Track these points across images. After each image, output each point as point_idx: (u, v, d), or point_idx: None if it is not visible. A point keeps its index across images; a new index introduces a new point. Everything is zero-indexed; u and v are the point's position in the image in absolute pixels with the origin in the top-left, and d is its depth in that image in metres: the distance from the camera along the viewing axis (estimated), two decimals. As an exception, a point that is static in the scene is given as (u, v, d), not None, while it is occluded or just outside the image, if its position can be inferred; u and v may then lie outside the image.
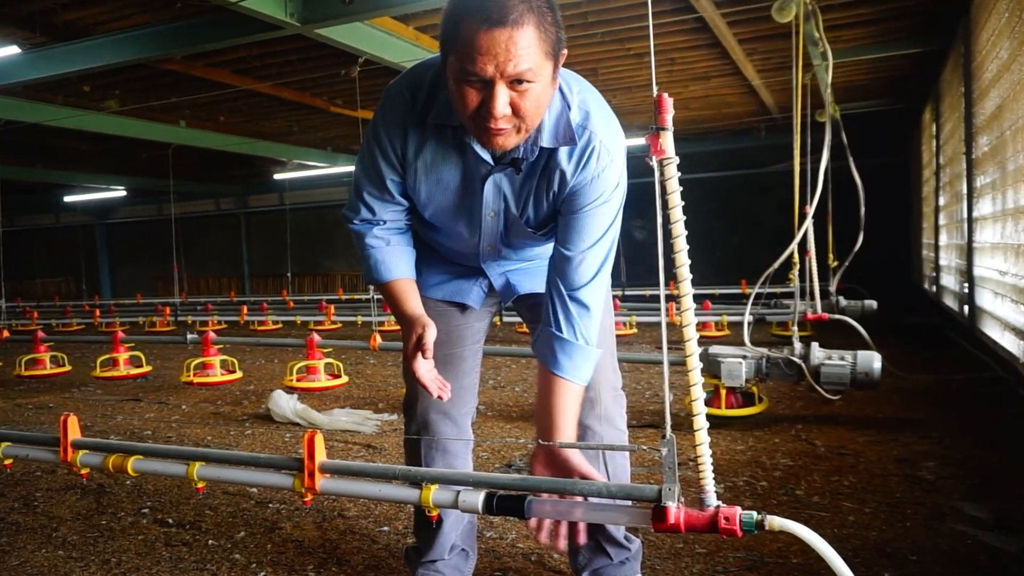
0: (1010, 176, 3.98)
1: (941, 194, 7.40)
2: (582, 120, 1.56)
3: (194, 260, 17.52)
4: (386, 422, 4.38)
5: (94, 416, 4.96)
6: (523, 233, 1.73)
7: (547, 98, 1.46)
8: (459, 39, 1.36)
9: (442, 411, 1.89)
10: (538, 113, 1.45)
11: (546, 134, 1.54)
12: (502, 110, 1.39)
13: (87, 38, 5.55)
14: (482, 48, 1.34)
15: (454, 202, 1.68)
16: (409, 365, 1.61)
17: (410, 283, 1.74)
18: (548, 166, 1.59)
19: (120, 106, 7.94)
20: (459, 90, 1.41)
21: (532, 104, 1.41)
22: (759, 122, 10.49)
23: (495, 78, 1.36)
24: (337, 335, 8.55)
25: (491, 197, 1.65)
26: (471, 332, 1.96)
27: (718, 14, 5.56)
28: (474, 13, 1.34)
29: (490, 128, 1.43)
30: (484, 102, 1.39)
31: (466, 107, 1.42)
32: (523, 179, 1.62)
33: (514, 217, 1.69)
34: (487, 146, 1.51)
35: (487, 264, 1.86)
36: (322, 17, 4.72)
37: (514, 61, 1.34)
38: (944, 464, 3.20)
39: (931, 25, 6.17)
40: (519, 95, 1.39)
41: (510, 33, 1.33)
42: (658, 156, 1.37)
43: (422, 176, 1.64)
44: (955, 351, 6.15)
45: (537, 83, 1.39)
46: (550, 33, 1.39)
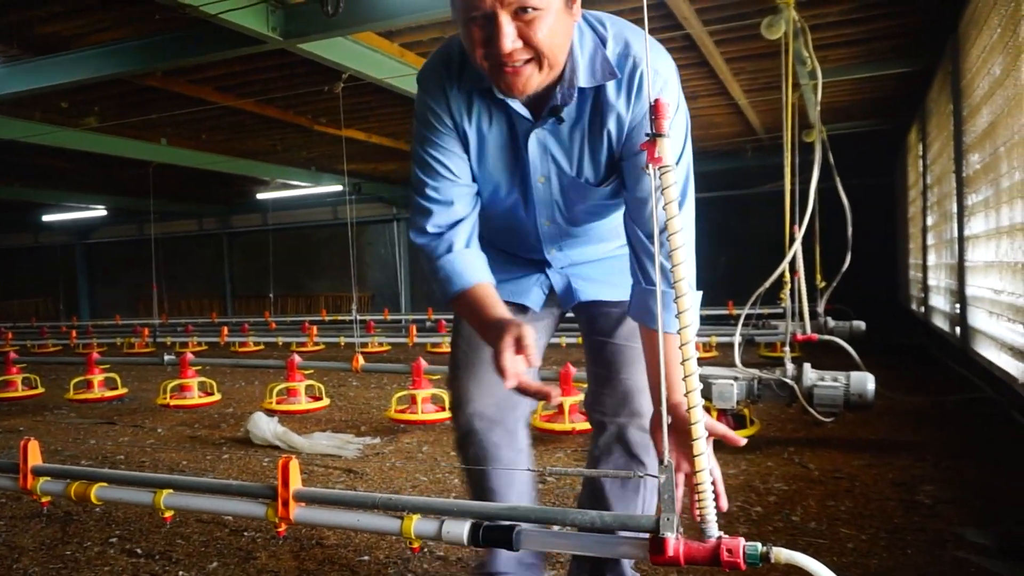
0: (1005, 193, 3.94)
1: (929, 214, 7.40)
2: (622, 50, 1.43)
3: (176, 281, 17.31)
4: (368, 446, 4.26)
5: (65, 440, 4.80)
6: (584, 195, 1.58)
7: (564, 29, 1.35)
8: None
9: (489, 417, 1.75)
10: (555, 44, 1.34)
11: (582, 73, 1.43)
12: (509, 44, 1.30)
13: (65, 52, 5.45)
14: None
15: (504, 173, 1.57)
16: (505, 369, 1.35)
17: (492, 288, 1.56)
18: (596, 108, 1.46)
19: (99, 123, 7.82)
20: (467, 33, 1.34)
21: (545, 34, 1.31)
22: (746, 143, 10.50)
23: (495, 8, 1.28)
24: (320, 357, 8.41)
25: (537, 160, 1.53)
26: None
27: (706, 32, 5.54)
28: None
29: (504, 68, 1.33)
30: (491, 39, 1.31)
31: (475, 48, 1.34)
32: (570, 130, 1.49)
33: (570, 179, 1.55)
34: (510, 91, 1.39)
35: (549, 251, 1.72)
36: (305, 31, 4.65)
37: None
38: (942, 487, 3.12)
39: (918, 45, 6.18)
40: (526, 24, 1.30)
41: None
42: (655, 164, 1.29)
43: (471, 145, 1.55)
44: (946, 371, 6.11)
45: (546, 11, 1.30)
46: None
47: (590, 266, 1.77)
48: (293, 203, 14.98)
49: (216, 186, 13.15)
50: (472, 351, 1.78)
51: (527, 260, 1.78)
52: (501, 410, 1.74)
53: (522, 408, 1.80)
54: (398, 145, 9.72)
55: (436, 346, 8.05)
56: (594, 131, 1.48)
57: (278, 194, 13.74)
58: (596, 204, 1.60)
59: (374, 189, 13.50)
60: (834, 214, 6.81)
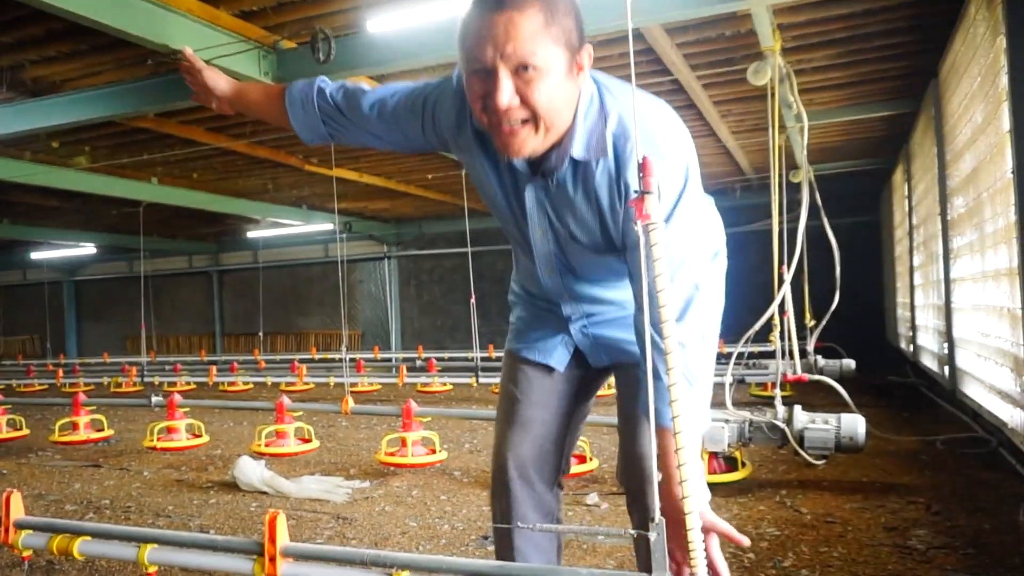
0: (989, 238, 3.98)
1: (916, 254, 7.46)
2: (621, 130, 1.41)
3: (165, 318, 17.21)
4: (357, 490, 4.21)
5: (50, 483, 4.73)
6: (579, 254, 1.58)
7: (566, 94, 1.35)
8: (465, 31, 1.34)
9: (522, 473, 1.75)
10: (554, 108, 1.34)
11: (578, 143, 1.42)
12: (506, 100, 1.30)
13: (56, 94, 5.47)
14: (482, 32, 1.30)
15: (508, 214, 1.60)
16: None
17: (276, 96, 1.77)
18: (585, 180, 1.45)
19: (90, 162, 7.83)
20: (468, 83, 1.36)
21: (544, 97, 1.31)
22: (734, 183, 10.60)
23: (496, 63, 1.29)
24: (309, 396, 8.35)
25: (534, 211, 1.54)
26: (557, 397, 1.80)
27: (693, 77, 5.62)
28: (479, 4, 1.32)
29: (500, 125, 1.34)
30: (489, 93, 1.31)
31: (475, 101, 1.36)
32: (563, 194, 1.49)
33: (564, 238, 1.56)
34: (506, 152, 1.39)
35: (562, 298, 1.71)
36: (296, 76, 4.68)
37: (514, 44, 1.27)
38: (935, 532, 3.11)
39: (902, 88, 6.29)
40: (525, 84, 1.30)
41: (510, 15, 1.27)
42: (643, 220, 1.30)
43: (477, 183, 1.63)
44: (936, 411, 6.12)
45: (546, 72, 1.30)
46: (562, 20, 1.31)
47: (611, 325, 1.74)
48: (284, 241, 14.98)
49: (207, 224, 13.14)
50: (509, 406, 1.81)
51: (554, 319, 1.77)
52: (528, 468, 1.74)
53: (549, 469, 1.78)
54: (389, 185, 9.76)
55: (426, 386, 8.01)
56: (585, 202, 1.47)
57: (269, 232, 13.74)
58: (594, 262, 1.60)
59: (365, 227, 13.53)
60: (822, 253, 6.87)
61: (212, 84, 1.84)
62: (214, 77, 1.85)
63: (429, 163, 8.39)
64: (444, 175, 8.78)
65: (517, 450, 1.76)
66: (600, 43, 5.04)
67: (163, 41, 4.00)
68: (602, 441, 5.19)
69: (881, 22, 4.87)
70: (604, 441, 5.20)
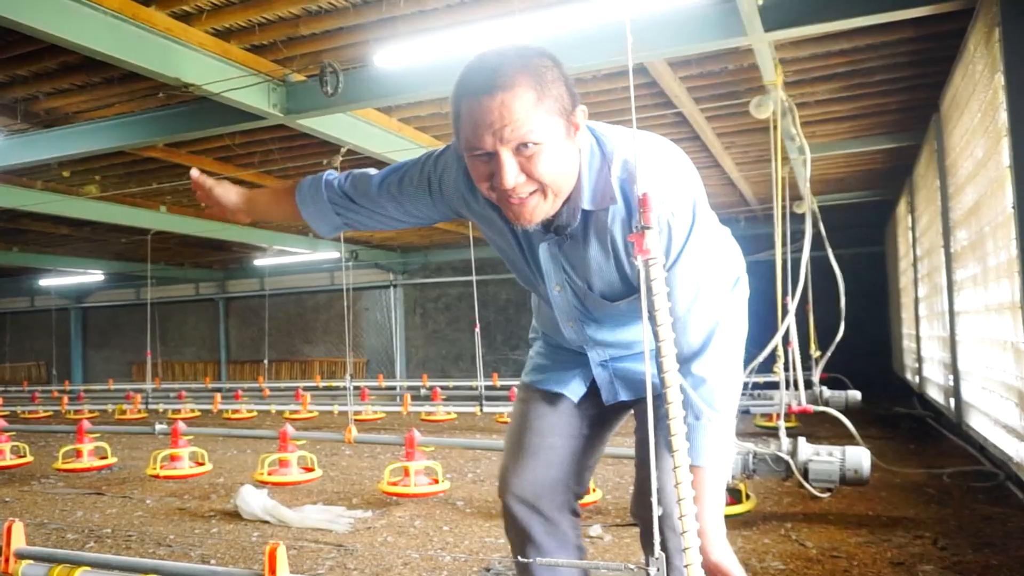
0: (992, 271, 3.99)
1: (920, 285, 7.46)
2: (626, 174, 1.43)
3: (171, 345, 17.26)
4: (359, 520, 4.19)
5: (52, 511, 4.72)
6: (599, 306, 1.60)
7: (567, 158, 1.37)
8: (459, 116, 1.35)
9: (527, 501, 1.75)
10: (559, 175, 1.36)
11: (586, 195, 1.43)
12: (511, 180, 1.32)
13: (68, 125, 5.56)
14: (477, 120, 1.30)
15: (526, 271, 1.63)
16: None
17: (289, 195, 1.79)
18: (598, 229, 1.46)
19: (100, 192, 7.92)
20: (471, 165, 1.38)
21: (547, 167, 1.33)
22: (738, 213, 10.65)
23: (497, 147, 1.31)
24: (313, 424, 8.34)
25: (551, 268, 1.56)
26: (569, 424, 1.80)
27: (697, 109, 5.68)
28: (467, 87, 1.32)
29: (510, 199, 1.36)
30: (494, 174, 1.34)
31: (480, 180, 1.38)
32: (578, 247, 1.50)
33: (582, 291, 1.57)
34: (517, 221, 1.41)
35: (584, 345, 1.72)
36: (305, 108, 4.76)
37: (511, 127, 1.29)
38: (942, 568, 3.08)
39: (904, 121, 6.34)
40: (527, 160, 1.32)
41: (501, 99, 1.28)
42: (643, 256, 1.32)
43: (493, 244, 1.66)
44: (942, 443, 6.07)
45: (546, 145, 1.32)
46: (552, 89, 1.33)
47: (634, 359, 1.73)
48: (290, 269, 15.06)
49: (214, 252, 13.23)
50: (516, 434, 1.81)
51: (573, 355, 1.78)
52: (539, 496, 1.74)
53: (562, 498, 1.77)
54: (395, 213, 9.83)
55: (430, 415, 7.99)
56: (601, 250, 1.49)
57: (275, 260, 13.83)
58: (616, 314, 1.60)
59: (371, 256, 13.60)
60: (827, 283, 6.88)
61: (224, 199, 1.83)
62: (224, 191, 1.84)
63: (435, 193, 8.44)
64: (450, 205, 8.85)
65: (522, 477, 1.76)
66: (604, 77, 5.11)
67: (175, 75, 4.08)
68: (606, 472, 5.17)
69: (882, 57, 4.93)
70: (608, 472, 5.17)
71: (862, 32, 4.46)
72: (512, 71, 1.29)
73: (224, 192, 1.83)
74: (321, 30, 4.32)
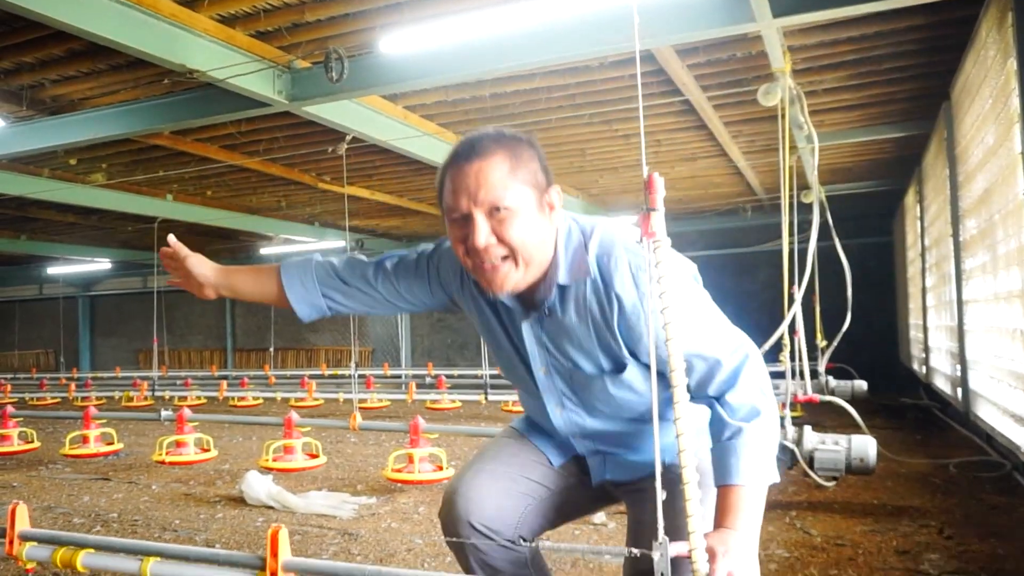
0: (1002, 259, 3.96)
1: (928, 275, 7.42)
2: (603, 250, 1.49)
3: (177, 333, 17.32)
4: (364, 506, 4.20)
5: (59, 496, 4.74)
6: (586, 385, 1.60)
7: (537, 229, 1.45)
8: (443, 185, 1.47)
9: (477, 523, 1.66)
10: (529, 243, 1.44)
11: (563, 271, 1.51)
12: (483, 239, 1.41)
13: (74, 112, 5.56)
14: (456, 184, 1.43)
15: (513, 359, 1.66)
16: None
17: (273, 277, 1.79)
18: (576, 301, 1.51)
19: (107, 179, 7.93)
20: (450, 230, 1.48)
21: (517, 232, 1.42)
22: (745, 203, 10.60)
23: (471, 208, 1.41)
24: (318, 412, 8.36)
25: (535, 350, 1.60)
26: (539, 471, 1.76)
27: (704, 97, 5.64)
28: (451, 159, 1.46)
29: (483, 264, 1.44)
30: (468, 236, 1.43)
31: (457, 246, 1.47)
32: (559, 324, 1.54)
33: (567, 370, 1.59)
34: (490, 288, 1.48)
35: (575, 440, 1.71)
36: (311, 95, 4.74)
37: (485, 188, 1.40)
38: (947, 557, 3.07)
39: (913, 110, 6.28)
40: (499, 223, 1.41)
41: (479, 165, 1.41)
42: (649, 237, 1.31)
43: (479, 329, 1.70)
44: (949, 434, 6.05)
45: (517, 211, 1.41)
46: (526, 164, 1.44)
47: (629, 454, 1.70)
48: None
49: (221, 240, 13.25)
50: (484, 456, 1.78)
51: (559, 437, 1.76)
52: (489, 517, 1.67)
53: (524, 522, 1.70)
54: (400, 203, 9.82)
55: (435, 402, 8.00)
56: (580, 323, 1.52)
57: (282, 249, 13.83)
58: (604, 394, 1.60)
59: (377, 245, 13.60)
60: (833, 273, 6.85)
61: (197, 271, 1.77)
62: (198, 263, 1.77)
63: (441, 181, 8.42)
64: (456, 193, 8.82)
65: (472, 492, 1.69)
66: (611, 64, 5.08)
67: (180, 61, 4.07)
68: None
69: (892, 44, 4.88)
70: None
71: (871, 19, 4.41)
72: (491, 144, 1.44)
73: (198, 263, 1.77)
74: (326, 16, 4.30)
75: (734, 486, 1.42)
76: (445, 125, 6.35)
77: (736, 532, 1.37)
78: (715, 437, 1.51)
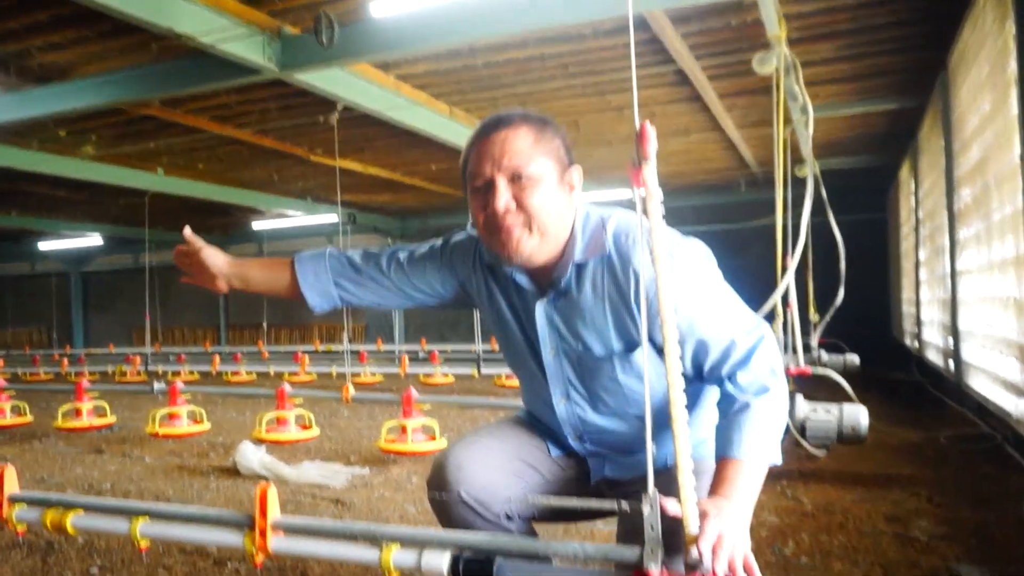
0: (996, 227, 3.95)
1: (921, 248, 7.42)
2: (621, 229, 1.52)
3: (170, 310, 17.26)
4: (357, 476, 4.21)
5: (52, 468, 4.74)
6: (594, 371, 1.59)
7: (557, 201, 1.48)
8: (467, 160, 1.52)
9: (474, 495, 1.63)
10: (547, 212, 1.47)
11: (580, 249, 1.53)
12: (503, 203, 1.44)
13: (63, 81, 5.48)
14: (481, 152, 1.48)
15: (522, 345, 1.66)
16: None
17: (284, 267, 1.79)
18: (593, 279, 1.53)
19: (96, 151, 7.85)
20: (472, 203, 1.51)
21: (537, 200, 1.45)
22: (739, 177, 10.57)
23: (494, 175, 1.45)
24: (311, 387, 8.36)
25: (546, 333, 1.60)
26: (536, 456, 1.74)
27: (698, 67, 5.59)
28: (477, 133, 1.52)
29: (500, 230, 1.46)
30: (488, 203, 1.47)
31: (478, 214, 1.50)
32: (573, 304, 1.55)
33: (577, 353, 1.59)
34: (503, 252, 1.50)
35: (572, 438, 1.70)
36: (301, 63, 4.68)
37: (509, 156, 1.45)
38: (937, 523, 3.08)
39: (910, 82, 6.24)
40: (520, 190, 1.45)
41: (506, 133, 1.47)
42: (639, 187, 1.29)
43: (489, 317, 1.71)
44: (940, 408, 6.08)
45: (539, 181, 1.45)
46: (550, 138, 1.50)
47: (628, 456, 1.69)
48: (289, 233, 15.00)
49: (213, 215, 13.17)
50: (481, 430, 1.78)
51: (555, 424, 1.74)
52: (488, 491, 1.63)
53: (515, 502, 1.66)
54: (393, 176, 9.76)
55: (429, 376, 8.01)
56: (595, 300, 1.53)
57: (274, 223, 13.76)
58: (612, 382, 1.59)
59: (369, 220, 13.54)
60: (827, 249, 6.85)
61: (211, 262, 1.74)
62: (213, 255, 1.75)
63: (432, 154, 8.38)
64: (448, 166, 8.77)
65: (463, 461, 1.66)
66: (604, 33, 5.03)
67: (168, 24, 4.00)
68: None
69: (889, 12, 4.84)
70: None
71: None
72: (517, 118, 1.50)
73: (212, 255, 1.75)
74: (317, -19, 4.24)
75: (734, 459, 1.42)
76: (437, 95, 6.29)
77: (730, 501, 1.35)
78: (722, 414, 1.51)
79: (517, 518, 1.67)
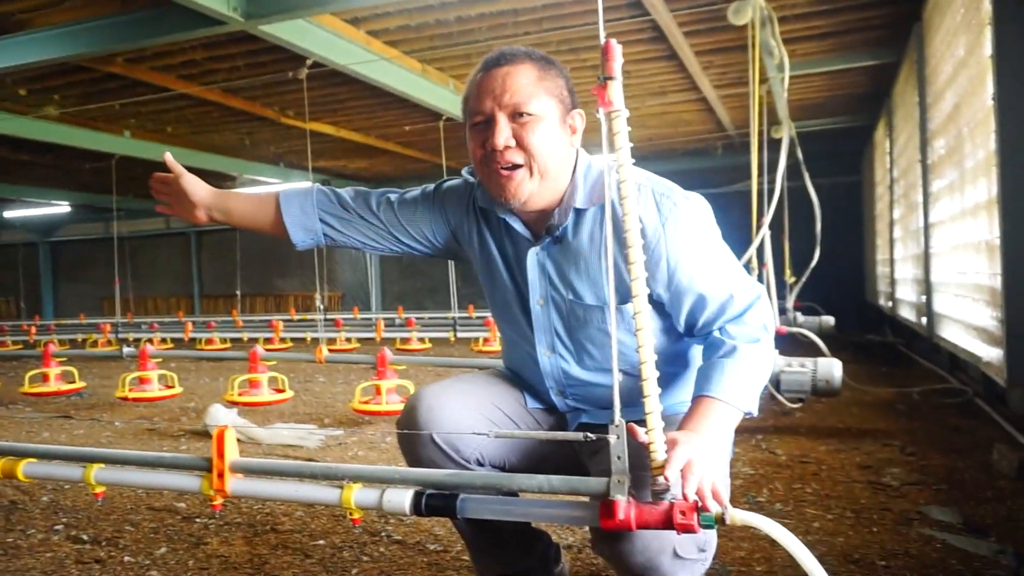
0: (969, 173, 3.95)
1: (896, 207, 7.45)
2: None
3: (143, 280, 17.02)
4: (331, 437, 4.16)
5: (18, 433, 4.65)
6: (582, 320, 1.55)
7: (558, 141, 1.46)
8: (468, 96, 1.49)
9: (437, 437, 1.57)
10: (547, 151, 1.44)
11: (581, 195, 1.50)
12: (502, 140, 1.41)
13: (20, 33, 5.28)
14: (482, 87, 1.44)
15: (509, 292, 1.62)
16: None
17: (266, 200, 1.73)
18: (592, 227, 1.51)
19: (59, 111, 7.62)
20: (472, 139, 1.48)
21: (537, 139, 1.42)
22: (716, 139, 10.52)
23: (495, 110, 1.42)
24: (287, 353, 8.27)
25: (536, 279, 1.56)
26: (511, 406, 1.69)
27: (674, 22, 5.50)
28: (480, 68, 1.48)
29: (499, 167, 1.43)
30: (487, 139, 1.43)
31: (476, 148, 1.46)
32: (568, 251, 1.52)
33: (568, 303, 1.55)
34: (502, 194, 1.46)
35: (554, 394, 1.66)
36: (266, 12, 4.53)
37: (510, 92, 1.42)
38: (908, 471, 3.10)
39: (886, 37, 6.20)
40: (521, 127, 1.42)
41: (508, 69, 1.44)
42: (605, 108, 1.24)
43: (479, 264, 1.67)
44: (913, 368, 6.14)
45: (540, 119, 1.42)
46: (553, 78, 1.46)
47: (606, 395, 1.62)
48: (263, 201, 14.79)
49: (183, 182, 12.91)
50: (456, 377, 1.73)
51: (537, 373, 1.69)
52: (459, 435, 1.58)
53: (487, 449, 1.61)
54: (368, 141, 9.61)
55: (405, 342, 7.95)
56: (590, 245, 1.51)
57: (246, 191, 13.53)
58: (600, 334, 1.56)
59: (343, 186, 13.35)
60: (803, 212, 6.85)
61: (191, 189, 1.68)
62: (193, 182, 1.69)
63: (407, 115, 8.24)
64: (423, 126, 8.62)
65: (435, 403, 1.60)
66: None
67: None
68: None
69: (865, -36, 4.78)
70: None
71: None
72: (521, 54, 1.46)
73: (193, 183, 1.68)
74: (281, -73, 4.10)
75: (709, 397, 1.39)
76: (409, 52, 6.16)
77: (700, 435, 1.32)
78: (706, 359, 1.49)
79: (488, 465, 1.63)
